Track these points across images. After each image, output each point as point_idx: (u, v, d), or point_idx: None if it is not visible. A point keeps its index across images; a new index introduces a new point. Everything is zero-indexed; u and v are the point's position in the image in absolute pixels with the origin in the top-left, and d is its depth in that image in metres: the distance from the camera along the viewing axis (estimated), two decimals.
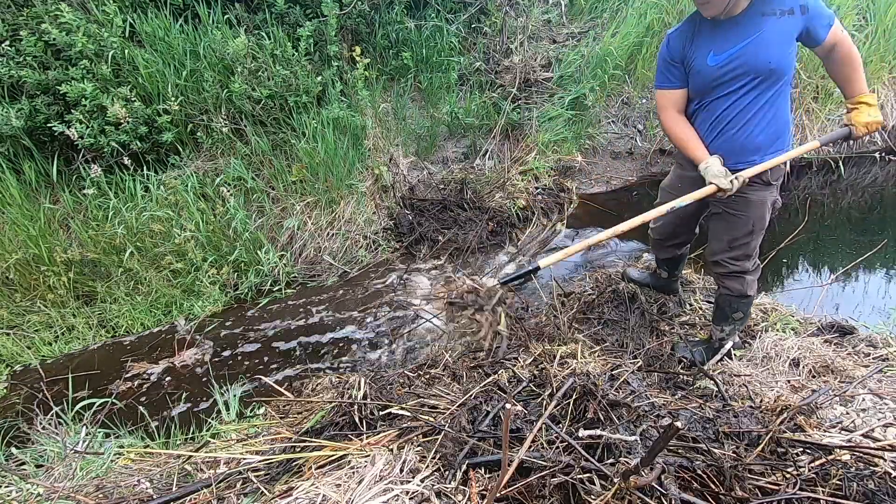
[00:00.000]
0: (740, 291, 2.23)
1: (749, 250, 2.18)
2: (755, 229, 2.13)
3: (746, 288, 2.23)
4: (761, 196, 2.08)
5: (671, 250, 2.64)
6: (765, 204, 2.10)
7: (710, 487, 1.27)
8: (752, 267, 2.22)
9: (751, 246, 2.17)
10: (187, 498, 1.42)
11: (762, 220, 2.12)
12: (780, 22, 1.85)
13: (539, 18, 4.62)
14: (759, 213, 2.10)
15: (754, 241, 2.17)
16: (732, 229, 2.16)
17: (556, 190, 4.20)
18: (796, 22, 1.85)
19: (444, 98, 4.23)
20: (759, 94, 1.93)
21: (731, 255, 2.20)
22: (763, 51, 1.86)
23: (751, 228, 2.13)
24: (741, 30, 1.88)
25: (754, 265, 2.23)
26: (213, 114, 3.53)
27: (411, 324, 3.04)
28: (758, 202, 2.09)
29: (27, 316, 3.11)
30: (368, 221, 3.73)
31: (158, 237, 3.31)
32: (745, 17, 1.87)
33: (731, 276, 2.23)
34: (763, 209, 2.10)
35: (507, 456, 1.04)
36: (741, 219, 2.12)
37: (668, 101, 2.09)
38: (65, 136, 3.21)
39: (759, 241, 2.19)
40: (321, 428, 1.64)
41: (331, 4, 3.57)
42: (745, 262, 2.20)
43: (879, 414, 1.71)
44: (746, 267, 2.21)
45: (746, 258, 2.20)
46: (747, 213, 2.11)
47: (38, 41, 3.19)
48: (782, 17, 1.85)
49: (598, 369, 1.92)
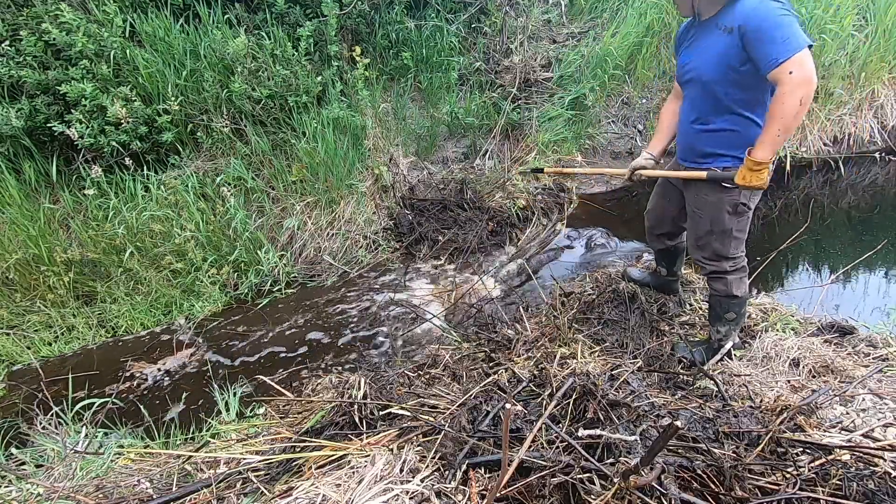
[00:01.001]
0: (725, 292, 2.24)
1: (719, 251, 2.19)
2: (713, 230, 2.15)
3: (731, 288, 2.23)
4: (716, 197, 2.09)
5: (661, 240, 2.65)
6: (720, 206, 2.10)
7: (710, 487, 1.27)
8: (732, 268, 2.21)
9: (717, 247, 2.18)
10: (187, 498, 1.42)
11: (719, 223, 2.12)
12: (721, 38, 1.85)
13: (539, 18, 4.62)
14: (715, 214, 2.12)
15: (720, 243, 2.17)
16: (695, 227, 2.23)
17: (556, 190, 4.20)
18: (732, 42, 1.81)
19: (444, 98, 4.23)
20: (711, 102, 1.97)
21: (702, 254, 2.25)
22: (703, 62, 1.94)
23: (709, 228, 2.16)
24: (701, 37, 1.96)
25: (734, 266, 2.22)
26: (213, 114, 3.53)
27: (412, 324, 3.04)
28: (713, 203, 2.11)
29: (27, 316, 3.11)
30: (368, 221, 3.73)
31: (158, 237, 3.31)
32: (708, 24, 1.93)
33: (712, 276, 2.27)
34: (718, 211, 2.11)
35: (507, 456, 1.04)
36: (700, 218, 2.18)
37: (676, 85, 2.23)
38: (65, 136, 3.21)
39: (729, 244, 2.17)
40: (321, 428, 1.64)
41: (331, 4, 3.57)
42: (721, 263, 2.21)
43: (879, 414, 1.71)
44: (724, 267, 2.21)
45: (719, 259, 2.21)
46: (704, 213, 2.15)
47: (38, 41, 3.19)
48: (724, 33, 1.84)
49: (598, 369, 1.92)
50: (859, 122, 4.65)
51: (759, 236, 3.81)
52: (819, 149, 4.55)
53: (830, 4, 4.35)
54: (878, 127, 4.69)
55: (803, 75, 1.66)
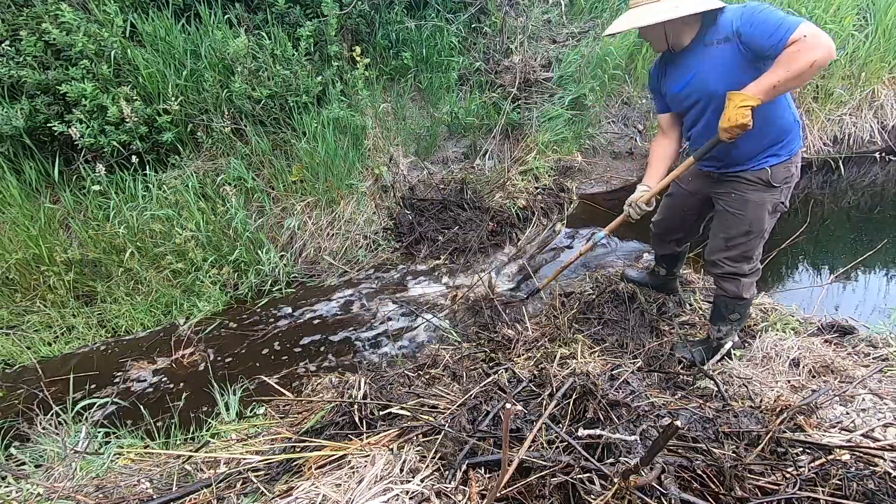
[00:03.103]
0: (735, 293, 2.23)
1: (747, 252, 2.18)
2: (752, 230, 2.13)
3: (742, 291, 2.22)
4: (759, 197, 2.08)
5: (671, 246, 2.64)
6: (763, 205, 2.09)
7: (710, 487, 1.27)
8: (750, 270, 2.21)
9: (748, 247, 2.17)
10: (187, 498, 1.42)
11: (760, 222, 2.11)
12: (718, 50, 1.90)
13: (539, 18, 4.62)
14: (757, 214, 2.10)
15: (751, 244, 2.16)
16: (729, 228, 2.17)
17: (556, 190, 4.20)
18: (734, 48, 1.85)
19: (444, 98, 4.23)
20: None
21: (728, 254, 2.21)
22: (706, 80, 1.96)
23: (747, 228, 2.13)
24: (689, 61, 2.00)
25: (752, 269, 2.22)
26: (214, 114, 3.53)
27: (412, 324, 3.04)
28: (756, 203, 2.09)
29: (27, 316, 3.11)
30: (368, 221, 3.73)
31: (159, 237, 3.31)
32: (692, 48, 1.98)
33: (727, 277, 2.24)
34: (760, 211, 2.10)
35: (507, 456, 1.05)
36: (739, 218, 2.13)
37: (661, 122, 2.31)
38: (65, 136, 3.21)
39: (758, 245, 2.18)
40: (321, 428, 1.64)
41: (331, 4, 3.57)
42: (743, 265, 2.20)
43: (879, 414, 1.71)
44: (743, 269, 2.20)
45: (744, 260, 2.20)
46: (744, 213, 2.12)
47: (39, 41, 3.19)
48: (720, 45, 1.89)
49: (597, 369, 1.92)
50: (859, 122, 4.65)
51: None
52: (819, 149, 4.55)
53: (830, 4, 4.34)
54: (878, 127, 4.69)
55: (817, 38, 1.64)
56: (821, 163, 4.57)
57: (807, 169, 4.55)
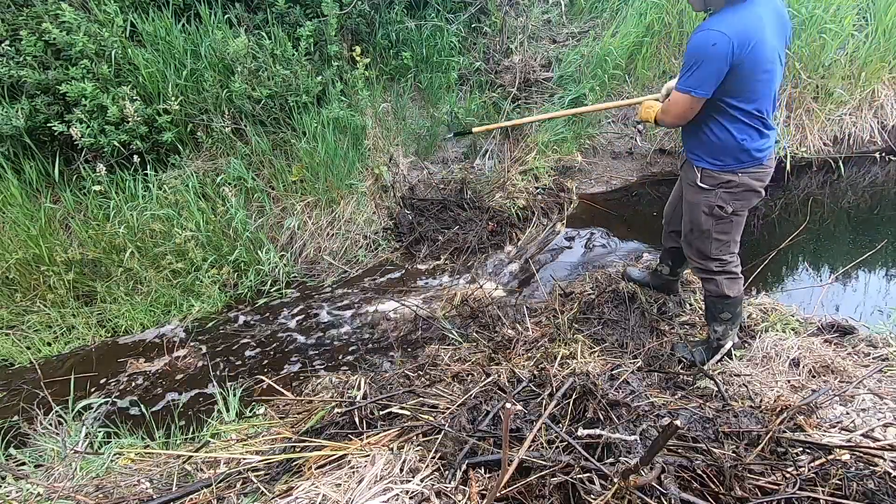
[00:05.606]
0: (716, 292, 2.26)
1: (701, 249, 2.22)
2: (694, 229, 2.20)
3: (722, 289, 2.23)
4: (694, 199, 2.16)
5: (673, 238, 2.64)
6: (697, 207, 2.14)
7: (710, 487, 1.27)
8: (717, 269, 2.22)
9: (699, 245, 2.21)
10: (187, 498, 1.42)
11: (698, 223, 2.17)
12: None
13: (539, 18, 4.62)
14: (693, 215, 2.17)
15: (699, 243, 2.21)
16: (682, 224, 2.29)
17: (556, 190, 4.20)
18: None
19: (444, 98, 4.23)
20: None
21: (689, 251, 2.29)
22: None
23: (690, 227, 2.22)
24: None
25: (719, 268, 2.22)
26: (214, 114, 3.53)
27: (412, 324, 3.04)
28: (690, 202, 2.18)
29: (27, 316, 3.11)
30: (368, 221, 3.73)
31: (159, 237, 3.31)
32: None
33: (702, 276, 2.30)
34: (696, 212, 2.16)
35: (507, 455, 1.04)
36: (686, 215, 2.24)
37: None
38: (65, 136, 3.21)
39: (709, 245, 2.19)
40: (321, 428, 1.64)
41: (331, 4, 3.57)
42: (706, 262, 2.23)
43: (879, 414, 1.71)
44: (710, 267, 2.23)
45: (704, 258, 2.23)
46: (687, 211, 2.23)
47: (39, 41, 3.19)
48: None
49: (597, 369, 1.92)
50: (859, 122, 4.64)
51: (759, 236, 3.81)
52: (819, 149, 4.54)
53: (830, 4, 4.34)
54: (878, 127, 4.68)
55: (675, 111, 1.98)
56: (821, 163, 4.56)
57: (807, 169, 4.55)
